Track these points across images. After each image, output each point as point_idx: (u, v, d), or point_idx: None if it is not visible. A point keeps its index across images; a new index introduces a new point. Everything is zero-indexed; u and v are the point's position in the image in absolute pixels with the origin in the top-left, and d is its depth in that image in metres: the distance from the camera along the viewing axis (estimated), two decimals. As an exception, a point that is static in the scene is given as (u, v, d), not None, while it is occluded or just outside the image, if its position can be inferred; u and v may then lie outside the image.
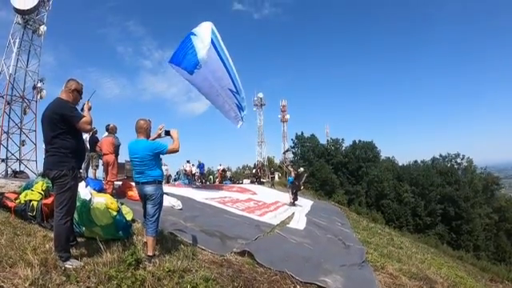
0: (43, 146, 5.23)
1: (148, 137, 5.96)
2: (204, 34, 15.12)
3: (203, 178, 32.13)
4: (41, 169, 17.99)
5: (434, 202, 61.88)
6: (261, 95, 63.21)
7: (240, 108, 19.47)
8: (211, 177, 37.19)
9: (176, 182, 27.17)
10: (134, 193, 10.29)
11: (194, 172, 30.21)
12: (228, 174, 40.86)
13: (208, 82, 17.00)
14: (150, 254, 5.42)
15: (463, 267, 22.93)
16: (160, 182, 5.85)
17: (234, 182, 36.51)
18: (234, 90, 18.12)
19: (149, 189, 5.68)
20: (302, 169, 24.79)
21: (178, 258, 5.73)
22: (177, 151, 5.99)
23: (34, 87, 32.35)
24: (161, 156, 6.08)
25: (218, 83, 17.34)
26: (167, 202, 10.68)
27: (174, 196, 12.59)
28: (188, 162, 29.80)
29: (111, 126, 12.02)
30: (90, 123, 5.06)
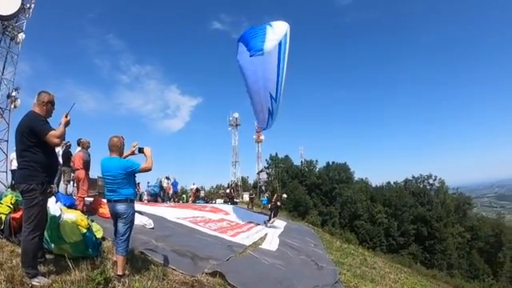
0: (11, 156, 5.14)
1: (121, 154, 5.91)
2: (279, 30, 15.15)
3: (176, 197, 31.69)
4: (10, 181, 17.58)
5: (407, 223, 62.97)
6: (236, 115, 63.46)
7: (270, 114, 19.22)
8: (184, 196, 36.73)
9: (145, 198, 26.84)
10: (105, 210, 10.09)
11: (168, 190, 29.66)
12: (201, 193, 40.48)
13: (256, 76, 17.16)
14: (119, 273, 5.32)
15: (437, 286, 23.21)
16: (132, 201, 5.78)
17: (207, 202, 36.12)
18: (274, 96, 17.99)
19: (120, 207, 5.61)
20: (285, 195, 25.23)
21: (148, 278, 5.66)
22: (149, 170, 5.95)
23: (9, 96, 31.35)
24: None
25: (263, 82, 17.38)
26: (138, 220, 10.51)
27: (145, 215, 12.44)
28: (167, 178, 29.18)
29: (83, 140, 11.81)
30: (60, 137, 4.97)
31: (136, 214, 6.65)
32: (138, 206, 13.73)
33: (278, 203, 22.46)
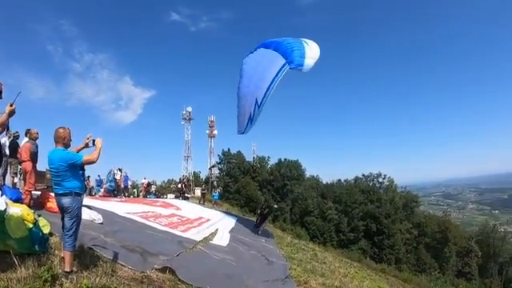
0: None
1: (66, 146, 5.76)
2: (315, 49, 15.21)
3: (126, 191, 31.10)
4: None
5: (356, 219, 64.93)
6: (189, 109, 63.09)
7: (250, 119, 19.33)
8: (135, 190, 36.12)
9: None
10: (53, 204, 9.79)
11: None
12: (153, 187, 39.96)
13: (250, 81, 17.91)
14: (67, 269, 5.24)
15: (386, 279, 23.96)
16: (78, 194, 5.66)
17: (159, 197, 35.73)
18: (259, 103, 18.17)
19: (65, 201, 5.52)
20: (276, 206, 25.60)
21: (97, 274, 5.59)
22: (93, 162, 5.87)
23: None
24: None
25: (253, 88, 17.79)
26: (87, 215, 10.30)
27: (94, 209, 12.17)
28: (120, 170, 28.23)
29: (31, 131, 11.34)
30: (0, 125, 4.82)
31: (84, 209, 6.54)
32: (87, 201, 13.48)
33: (265, 211, 22.55)
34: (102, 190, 26.51)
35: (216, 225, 18.87)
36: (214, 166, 66.34)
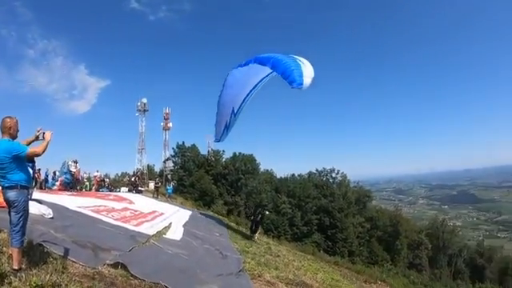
0: None
1: (13, 136, 5.58)
2: (310, 69, 15.84)
3: (78, 185, 30.33)
4: None
5: (310, 213, 66.12)
6: (145, 100, 61.86)
7: (226, 127, 20.66)
8: (87, 183, 35.26)
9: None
10: (0, 198, 9.49)
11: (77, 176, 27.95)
12: (106, 181, 39.16)
13: (231, 90, 19.17)
14: (15, 267, 5.13)
15: (339, 271, 24.49)
16: (24, 187, 5.52)
17: (112, 190, 35.07)
18: (235, 111, 19.61)
19: (11, 194, 5.38)
20: (267, 212, 25.97)
21: (47, 271, 5.49)
22: (39, 155, 5.78)
23: None
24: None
25: (232, 97, 19.14)
26: (36, 209, 10.01)
27: (44, 203, 11.84)
28: (75, 162, 27.30)
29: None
30: None
31: (33, 203, 6.39)
32: (37, 195, 13.11)
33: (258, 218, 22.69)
34: (57, 183, 25.72)
35: (170, 219, 18.81)
36: (168, 159, 65.62)
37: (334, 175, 76.61)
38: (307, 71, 15.48)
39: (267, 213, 26.69)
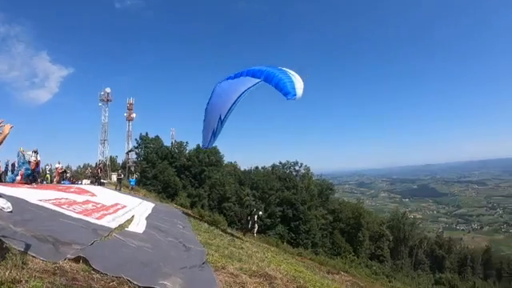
0: None
1: None
2: (300, 80, 16.43)
3: (39, 177, 29.57)
4: None
5: (273, 205, 66.97)
6: (108, 90, 61.00)
7: (213, 134, 21.51)
8: (48, 176, 34.45)
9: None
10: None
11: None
12: (68, 173, 38.36)
13: (218, 99, 19.96)
14: (-28, 263, 5.01)
15: (302, 263, 24.93)
16: None
17: (73, 182, 34.44)
18: (222, 118, 20.46)
19: None
20: (260, 212, 26.64)
21: (6, 267, 5.37)
22: None
23: None
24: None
25: (219, 106, 19.98)
26: (-6, 203, 9.78)
27: (3, 197, 11.54)
28: (35, 152, 26.39)
29: None
30: None
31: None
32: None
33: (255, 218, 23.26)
34: (18, 177, 24.93)
35: (132, 211, 18.68)
36: (131, 151, 64.99)
37: (297, 168, 78.17)
38: (299, 83, 16.09)
39: (260, 212, 27.43)
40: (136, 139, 69.70)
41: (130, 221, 15.17)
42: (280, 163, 79.55)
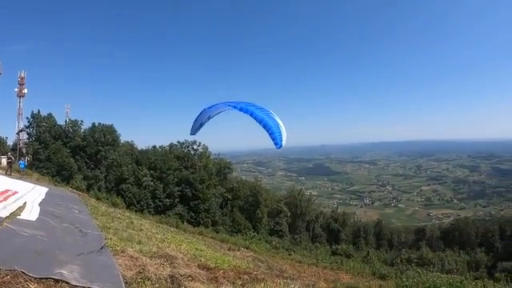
0: None
1: None
2: (284, 131, 18.03)
3: None
4: None
5: (172, 185, 66.86)
6: (-4, 62, 55.87)
7: (201, 125, 21.64)
8: None
9: None
10: None
11: None
12: None
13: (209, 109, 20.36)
14: None
15: (203, 241, 25.47)
16: None
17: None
18: (211, 116, 21.05)
19: None
20: None
21: None
22: None
23: None
24: None
25: (212, 111, 20.48)
26: None
27: None
28: None
29: None
30: None
31: None
32: None
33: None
34: None
35: (24, 198, 17.86)
36: (22, 131, 60.73)
37: (195, 147, 78.49)
38: (285, 134, 17.91)
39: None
40: (27, 118, 64.45)
41: (22, 208, 14.57)
42: (178, 142, 79.18)
